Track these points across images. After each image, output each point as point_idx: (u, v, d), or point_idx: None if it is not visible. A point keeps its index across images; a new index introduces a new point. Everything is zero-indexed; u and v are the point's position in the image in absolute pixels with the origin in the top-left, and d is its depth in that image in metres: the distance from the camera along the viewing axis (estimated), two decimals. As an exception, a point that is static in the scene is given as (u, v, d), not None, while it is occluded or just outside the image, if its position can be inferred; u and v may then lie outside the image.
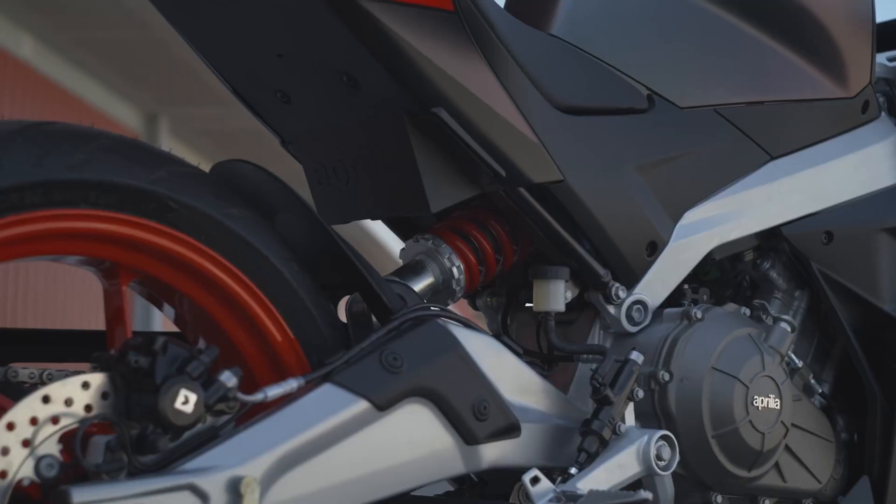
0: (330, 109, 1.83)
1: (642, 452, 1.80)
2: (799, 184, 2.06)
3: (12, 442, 1.41)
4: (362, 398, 1.58)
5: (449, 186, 1.79)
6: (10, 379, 1.64)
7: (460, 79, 1.72)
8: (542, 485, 1.70)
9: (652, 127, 1.95)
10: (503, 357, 1.74)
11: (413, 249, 1.88)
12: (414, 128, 1.74)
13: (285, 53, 1.77)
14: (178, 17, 1.83)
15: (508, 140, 1.77)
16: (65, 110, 9.48)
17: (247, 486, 1.46)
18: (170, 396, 1.43)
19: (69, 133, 1.51)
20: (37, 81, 9.01)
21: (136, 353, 1.45)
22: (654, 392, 1.88)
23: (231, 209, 1.60)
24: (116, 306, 1.59)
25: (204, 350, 1.47)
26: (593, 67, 1.96)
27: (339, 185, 1.88)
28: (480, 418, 1.67)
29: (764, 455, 1.92)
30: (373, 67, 1.70)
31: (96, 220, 1.51)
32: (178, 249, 1.57)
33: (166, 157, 1.58)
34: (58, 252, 1.53)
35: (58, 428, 1.44)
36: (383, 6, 1.66)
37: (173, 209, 1.55)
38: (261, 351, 1.64)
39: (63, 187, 1.47)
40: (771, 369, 1.93)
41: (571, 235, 1.86)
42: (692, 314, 1.91)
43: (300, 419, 1.54)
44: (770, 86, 2.07)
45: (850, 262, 2.08)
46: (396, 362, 1.61)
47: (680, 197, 1.96)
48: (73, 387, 1.45)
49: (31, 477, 1.41)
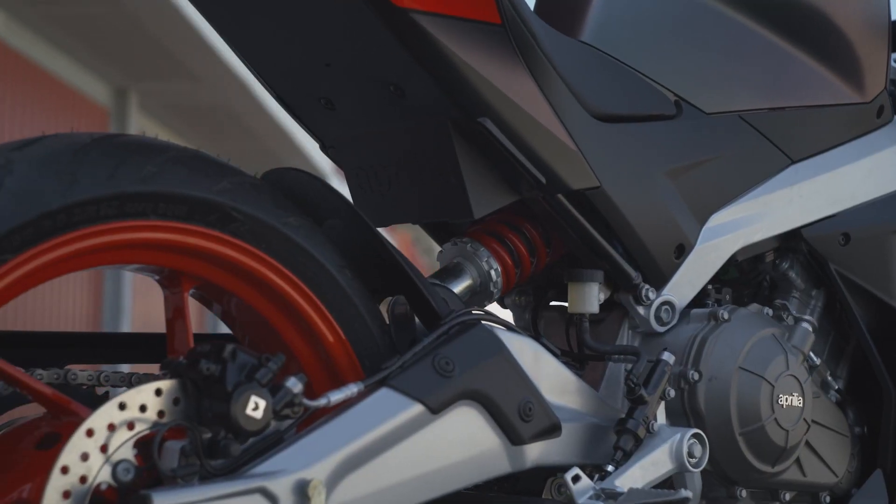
0: (374, 116, 1.87)
1: (675, 450, 1.86)
2: (818, 187, 2.13)
3: (91, 448, 1.45)
4: (417, 402, 1.64)
5: (490, 193, 1.84)
6: (69, 381, 1.68)
7: (505, 90, 1.77)
8: (582, 482, 1.76)
9: (680, 133, 2.01)
10: (543, 358, 1.80)
11: (451, 252, 1.94)
12: (459, 136, 1.80)
13: (333, 63, 1.82)
14: (225, 24, 1.87)
15: (549, 149, 1.82)
16: (36, 85, 9.46)
17: (314, 489, 1.51)
18: (241, 403, 1.48)
19: (138, 146, 1.55)
20: (8, 57, 8.97)
21: (207, 360, 1.50)
22: (683, 391, 1.94)
23: (289, 218, 1.65)
24: (177, 312, 1.64)
25: (271, 357, 1.52)
26: (624, 75, 2.01)
27: (381, 190, 1.93)
28: (525, 419, 1.73)
29: (787, 451, 1.99)
30: (421, 78, 1.75)
31: (165, 231, 1.55)
32: (240, 258, 1.61)
33: (228, 168, 1.62)
34: (126, 261, 1.58)
35: (133, 434, 1.49)
36: (434, 19, 1.71)
37: (236, 219, 1.60)
38: (315, 356, 1.69)
39: (135, 199, 1.52)
40: (794, 368, 2.00)
41: (605, 239, 1.92)
42: (719, 315, 1.98)
43: (360, 423, 1.59)
44: (791, 91, 2.13)
45: (865, 262, 2.15)
46: (448, 367, 1.67)
47: (706, 200, 2.02)
48: (147, 394, 1.50)
49: (108, 481, 1.46)
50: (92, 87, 10.67)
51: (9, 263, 1.43)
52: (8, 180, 1.44)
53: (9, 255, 1.43)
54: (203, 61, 10.40)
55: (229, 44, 1.89)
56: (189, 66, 10.56)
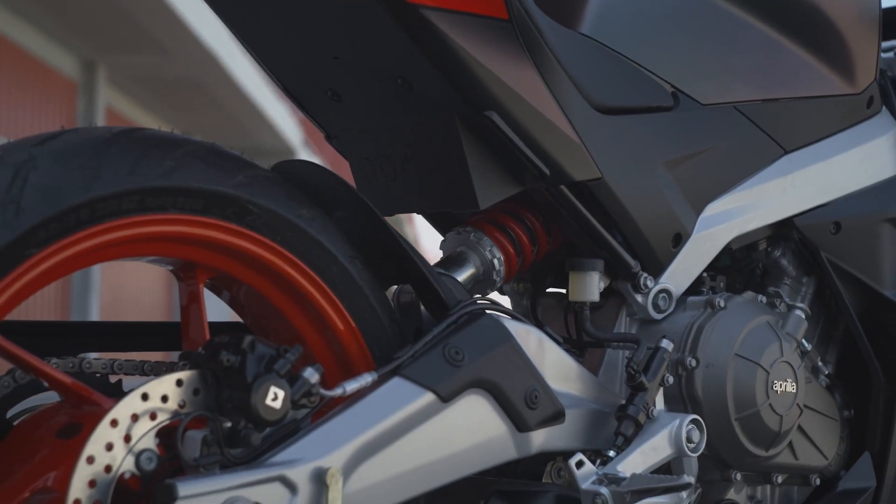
0: (381, 109, 1.90)
1: (674, 436, 1.91)
2: (810, 177, 2.18)
3: (115, 438, 1.48)
4: (429, 391, 1.67)
5: (495, 184, 1.88)
6: (84, 369, 1.71)
7: (512, 84, 1.80)
8: (586, 468, 1.80)
9: (678, 124, 2.05)
10: (547, 346, 1.84)
11: (454, 241, 1.97)
12: (465, 129, 1.83)
13: (342, 56, 1.84)
14: (233, 17, 1.90)
15: (554, 141, 1.86)
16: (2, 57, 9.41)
17: (331, 477, 1.55)
18: (261, 393, 1.52)
19: (158, 140, 1.57)
20: (-24, 29, 8.94)
21: (227, 351, 1.53)
22: (681, 377, 1.99)
23: (302, 210, 1.68)
24: (192, 302, 1.67)
25: (289, 348, 1.55)
26: (624, 67, 2.05)
27: (386, 180, 1.96)
28: (532, 407, 1.77)
29: (781, 435, 2.04)
30: (429, 72, 1.78)
31: (183, 224, 1.58)
32: (256, 250, 1.64)
33: (243, 162, 1.65)
34: (144, 254, 1.60)
35: (155, 423, 1.52)
36: (443, 14, 1.74)
37: (252, 212, 1.63)
38: (325, 343, 1.73)
39: (155, 193, 1.54)
40: (788, 355, 2.05)
41: (605, 229, 1.96)
42: (715, 303, 2.02)
43: (374, 412, 1.63)
44: (785, 83, 2.17)
45: (855, 250, 2.20)
46: (458, 356, 1.70)
47: (703, 190, 2.07)
48: (169, 384, 1.53)
49: (132, 470, 1.49)
50: (60, 59, 10.62)
51: (34, 258, 1.46)
52: (33, 175, 1.46)
53: (34, 249, 1.46)
54: (172, 34, 10.38)
55: (235, 34, 1.91)
56: (158, 38, 10.53)
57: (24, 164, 1.47)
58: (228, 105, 12.69)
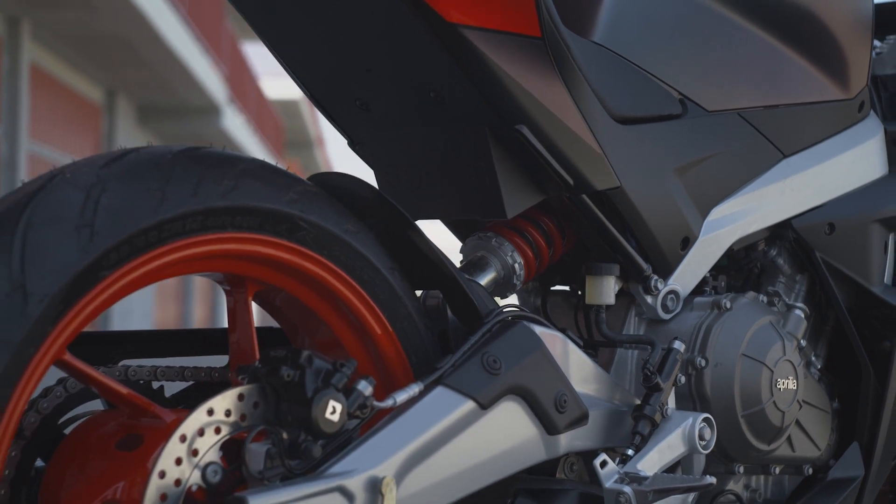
0: (410, 119, 1.96)
1: (688, 434, 1.99)
2: (807, 179, 2.27)
3: (183, 452, 1.54)
4: (470, 399, 1.74)
5: (521, 193, 1.94)
6: (129, 377, 1.75)
7: (542, 99, 1.87)
8: (609, 467, 1.88)
9: (686, 131, 2.13)
10: (570, 350, 1.92)
11: (474, 246, 2.04)
12: (496, 141, 1.89)
13: (374, 68, 1.89)
14: (263, 26, 1.93)
15: (578, 153, 1.93)
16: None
17: (387, 486, 1.62)
18: (321, 407, 1.58)
19: (214, 159, 1.62)
20: None
21: (287, 366, 1.59)
22: (691, 377, 2.08)
23: (347, 224, 1.73)
24: (242, 315, 1.72)
25: (344, 363, 1.61)
26: (636, 76, 2.12)
27: (410, 187, 2.01)
28: (561, 410, 1.84)
29: (782, 430, 2.14)
30: (462, 86, 1.84)
31: (240, 242, 1.63)
32: (305, 264, 1.70)
33: (292, 178, 1.70)
34: (199, 270, 1.65)
35: (219, 437, 1.57)
36: (480, 33, 1.79)
37: (303, 228, 1.68)
38: (369, 355, 1.79)
39: (216, 213, 1.59)
40: (790, 353, 2.14)
41: (621, 234, 2.03)
42: (721, 304, 2.11)
43: (422, 421, 1.70)
44: (784, 89, 2.26)
45: (848, 250, 2.30)
46: (496, 364, 1.77)
47: (708, 195, 2.15)
48: (232, 399, 1.58)
49: (198, 483, 1.55)
50: (-16, 15, 10.48)
51: (106, 280, 1.50)
52: (104, 198, 1.50)
53: (106, 271, 1.50)
54: (99, -10, 10.27)
55: (264, 41, 1.95)
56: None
57: (93, 186, 1.51)
58: (155, 63, 12.58)
